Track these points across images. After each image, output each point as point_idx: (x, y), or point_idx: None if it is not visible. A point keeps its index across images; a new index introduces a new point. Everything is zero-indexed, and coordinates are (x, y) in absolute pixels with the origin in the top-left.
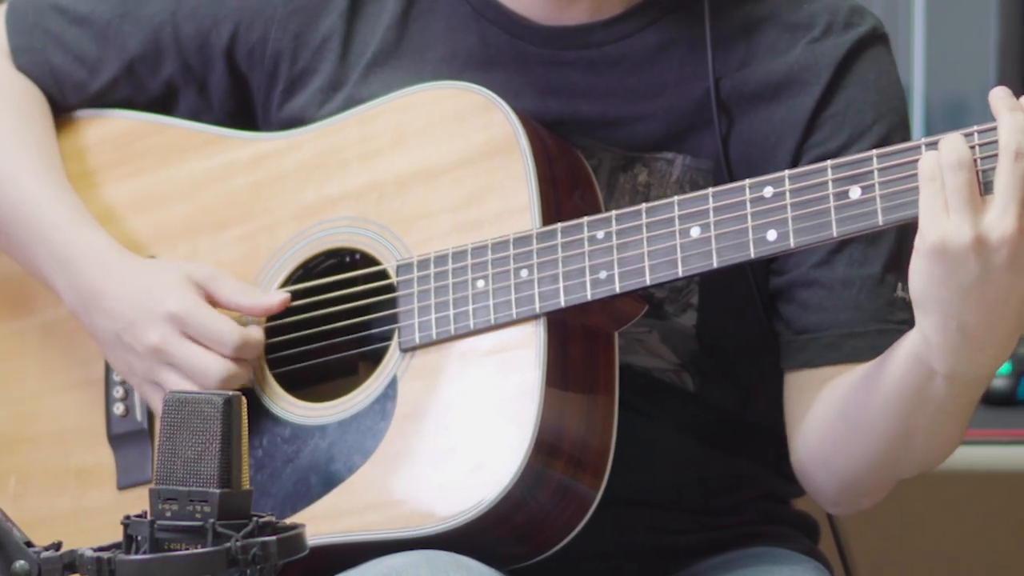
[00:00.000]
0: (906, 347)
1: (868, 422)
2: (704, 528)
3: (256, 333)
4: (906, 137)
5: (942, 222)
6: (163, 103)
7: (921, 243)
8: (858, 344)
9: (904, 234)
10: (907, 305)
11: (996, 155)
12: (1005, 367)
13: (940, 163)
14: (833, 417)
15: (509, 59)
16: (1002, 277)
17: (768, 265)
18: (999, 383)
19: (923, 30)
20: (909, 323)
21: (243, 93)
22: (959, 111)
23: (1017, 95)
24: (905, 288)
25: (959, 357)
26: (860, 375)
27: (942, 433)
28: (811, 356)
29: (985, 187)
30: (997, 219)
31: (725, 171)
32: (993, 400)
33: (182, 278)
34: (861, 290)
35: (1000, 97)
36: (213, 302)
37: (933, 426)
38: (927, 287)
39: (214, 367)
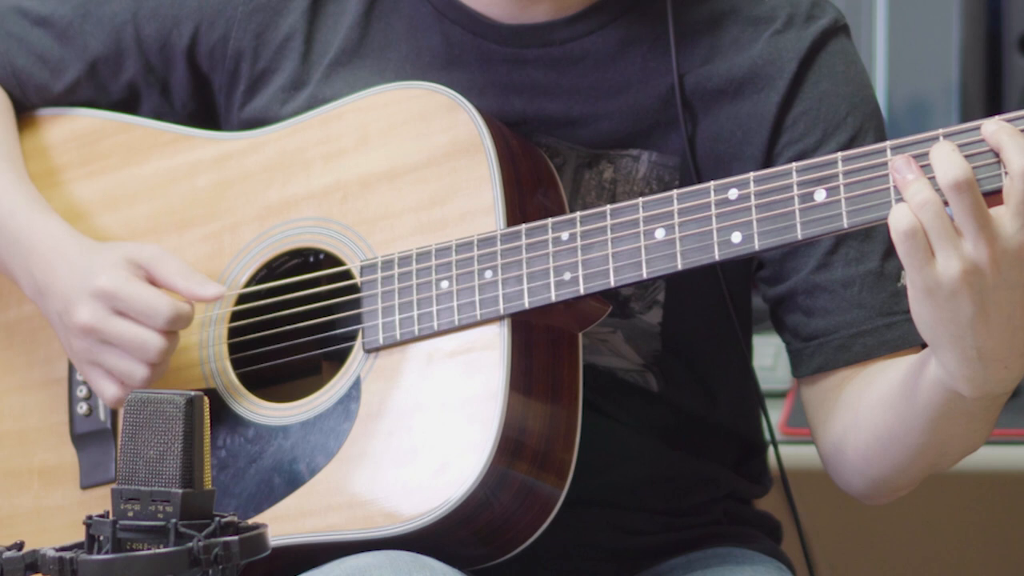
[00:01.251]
0: (931, 376)
1: (901, 439)
2: (667, 528)
3: (186, 307)
4: (880, 125)
5: (927, 267)
6: (126, 104)
7: (913, 290)
8: (868, 341)
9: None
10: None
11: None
12: None
13: (912, 211)
14: (865, 434)
15: (472, 58)
16: (1000, 297)
17: (756, 274)
18: None
19: (885, 29)
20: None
21: (205, 93)
22: (922, 110)
23: (979, 94)
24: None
25: (985, 378)
26: (891, 395)
27: (976, 435)
28: (824, 361)
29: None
30: (976, 248)
31: (692, 167)
32: None
33: (119, 257)
34: (862, 288)
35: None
36: (154, 282)
37: (968, 432)
38: (934, 327)
39: (151, 341)
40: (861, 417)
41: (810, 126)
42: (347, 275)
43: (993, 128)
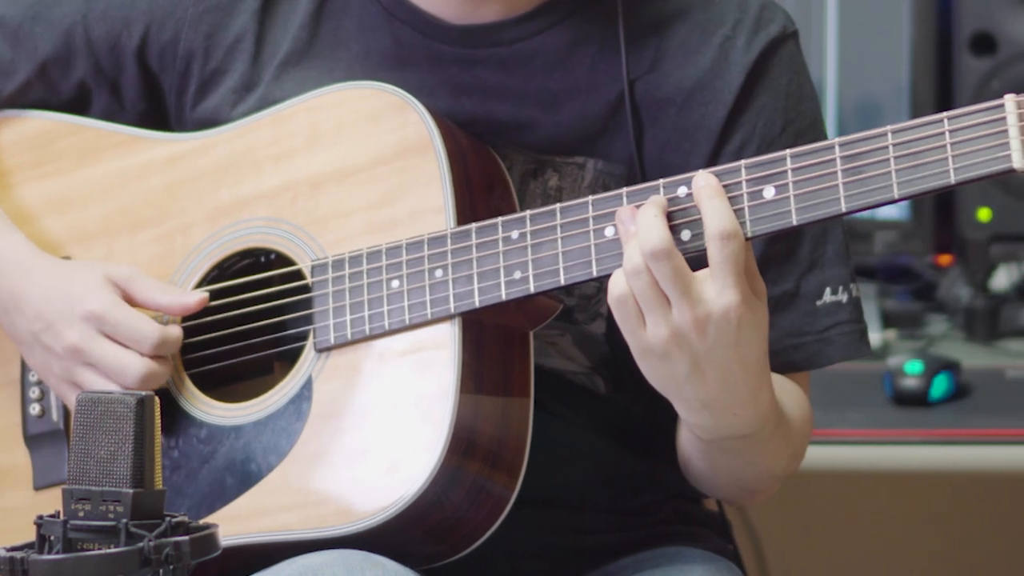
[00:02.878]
0: (679, 421)
1: (689, 459)
2: (617, 528)
3: (175, 331)
4: (819, 136)
5: (639, 331)
6: (76, 105)
7: (632, 352)
8: (773, 362)
9: (822, 240)
10: (837, 308)
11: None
12: (917, 367)
13: (623, 270)
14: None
15: (422, 58)
16: (712, 355)
17: None
18: (911, 383)
19: (836, 29)
20: (840, 326)
21: (156, 94)
22: (871, 110)
23: (929, 95)
24: (834, 292)
25: (716, 426)
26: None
27: (758, 465)
28: None
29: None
30: (679, 314)
31: (639, 176)
32: (905, 400)
33: (100, 278)
34: (775, 308)
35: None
36: (131, 301)
37: (742, 465)
38: (658, 382)
39: (133, 365)
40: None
41: (746, 139)
42: (298, 275)
43: (700, 185)
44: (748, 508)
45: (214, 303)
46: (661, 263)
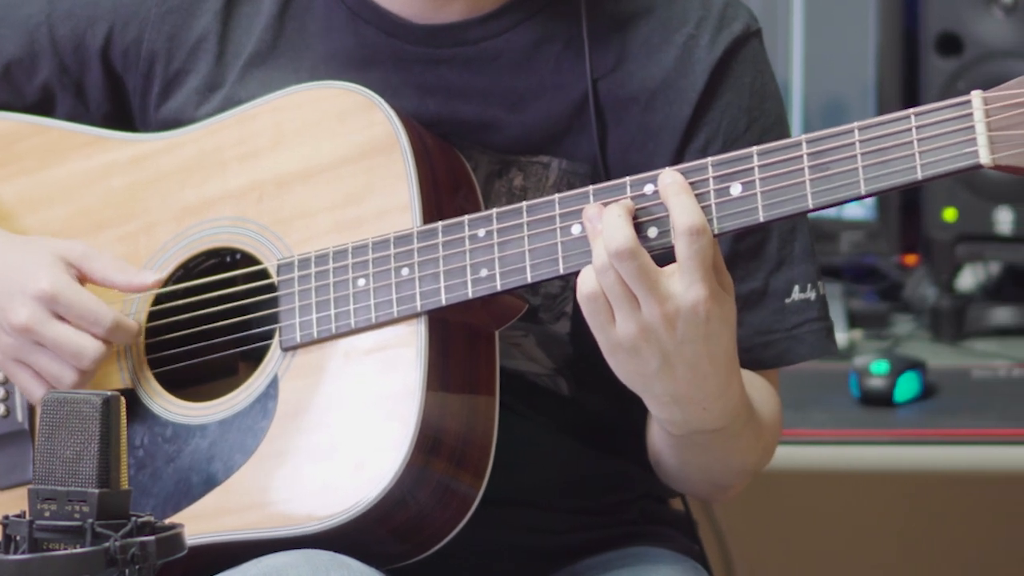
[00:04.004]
0: (650, 417)
1: (659, 454)
2: (583, 528)
3: (131, 321)
4: (783, 135)
5: (609, 327)
6: (41, 106)
7: (602, 349)
8: (742, 359)
9: (789, 238)
10: (805, 306)
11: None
12: (883, 367)
13: (593, 266)
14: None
15: (387, 58)
16: (682, 349)
17: None
18: (877, 383)
19: (802, 29)
20: (808, 324)
21: (120, 95)
22: (837, 111)
23: (895, 94)
24: (802, 289)
25: (686, 421)
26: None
27: (728, 461)
28: None
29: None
30: (648, 310)
31: (603, 176)
32: (871, 400)
33: (54, 257)
34: (744, 306)
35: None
36: (85, 281)
37: (712, 461)
38: (628, 378)
39: (88, 347)
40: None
41: (711, 137)
42: (264, 274)
43: (667, 182)
44: (714, 508)
45: (180, 302)
46: (625, 263)
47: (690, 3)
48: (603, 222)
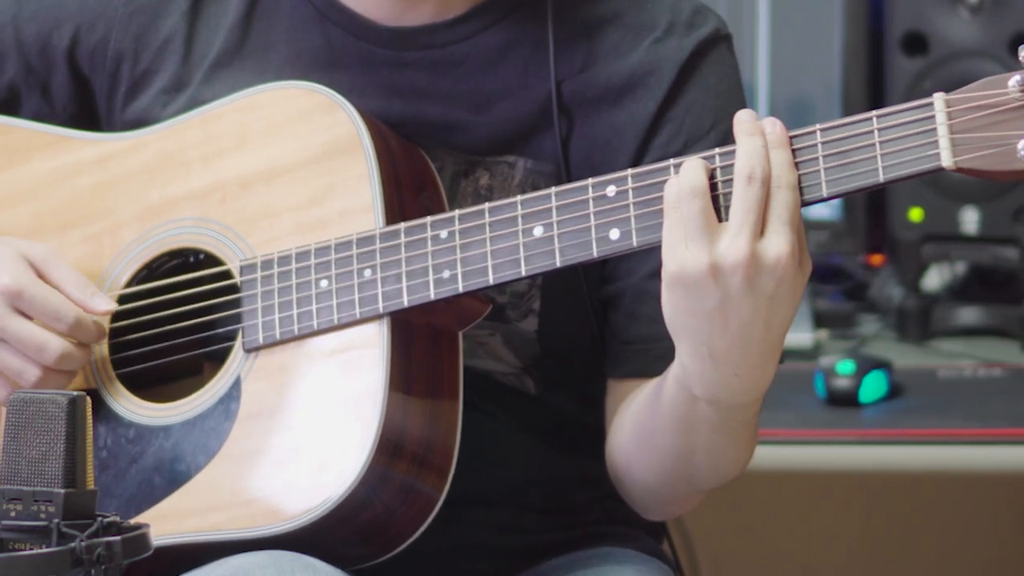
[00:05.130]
0: (672, 373)
1: (651, 440)
2: (548, 528)
3: (95, 321)
4: None
5: (680, 251)
6: (6, 106)
7: (664, 273)
8: None
9: None
10: None
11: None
12: (849, 367)
13: (678, 190)
14: (628, 432)
15: (353, 60)
16: (743, 301)
17: (600, 271)
18: (842, 383)
19: (767, 29)
20: None
21: (86, 96)
22: (803, 110)
23: (861, 96)
24: None
25: (715, 381)
26: (646, 395)
27: (723, 452)
28: (643, 367)
29: (726, 211)
30: (729, 245)
31: (565, 175)
32: (836, 400)
33: (16, 254)
34: None
35: (741, 121)
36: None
37: (711, 446)
38: (674, 316)
39: (52, 343)
40: (626, 416)
41: (673, 135)
42: (227, 275)
43: (775, 132)
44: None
45: (143, 303)
46: (755, 187)
47: (659, 8)
48: (739, 138)
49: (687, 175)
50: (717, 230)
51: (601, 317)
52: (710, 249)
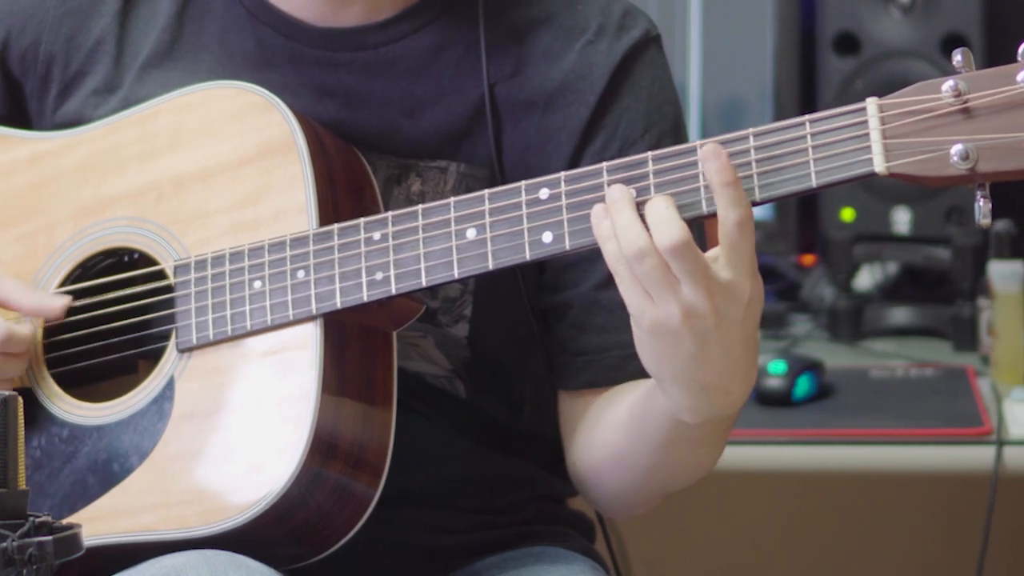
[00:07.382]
0: (659, 405)
1: (628, 461)
2: (482, 527)
3: (25, 329)
4: (680, 139)
5: (648, 308)
6: None
7: (637, 331)
8: (640, 364)
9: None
10: None
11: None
12: (780, 367)
13: (622, 255)
14: (599, 452)
15: (285, 60)
16: (721, 335)
17: (540, 278)
18: (774, 383)
19: (699, 30)
20: None
21: (18, 99)
22: (735, 111)
23: (793, 96)
24: None
25: (708, 406)
26: (619, 420)
27: (702, 459)
28: (594, 378)
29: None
30: (692, 290)
31: (499, 179)
32: (768, 400)
33: None
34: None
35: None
36: None
37: (693, 458)
38: (658, 365)
39: None
40: (597, 435)
41: (608, 141)
42: (161, 275)
43: (712, 168)
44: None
45: (77, 303)
46: (681, 255)
47: (590, 10)
48: (650, 215)
49: (627, 239)
50: (675, 279)
51: (542, 325)
52: (677, 299)
